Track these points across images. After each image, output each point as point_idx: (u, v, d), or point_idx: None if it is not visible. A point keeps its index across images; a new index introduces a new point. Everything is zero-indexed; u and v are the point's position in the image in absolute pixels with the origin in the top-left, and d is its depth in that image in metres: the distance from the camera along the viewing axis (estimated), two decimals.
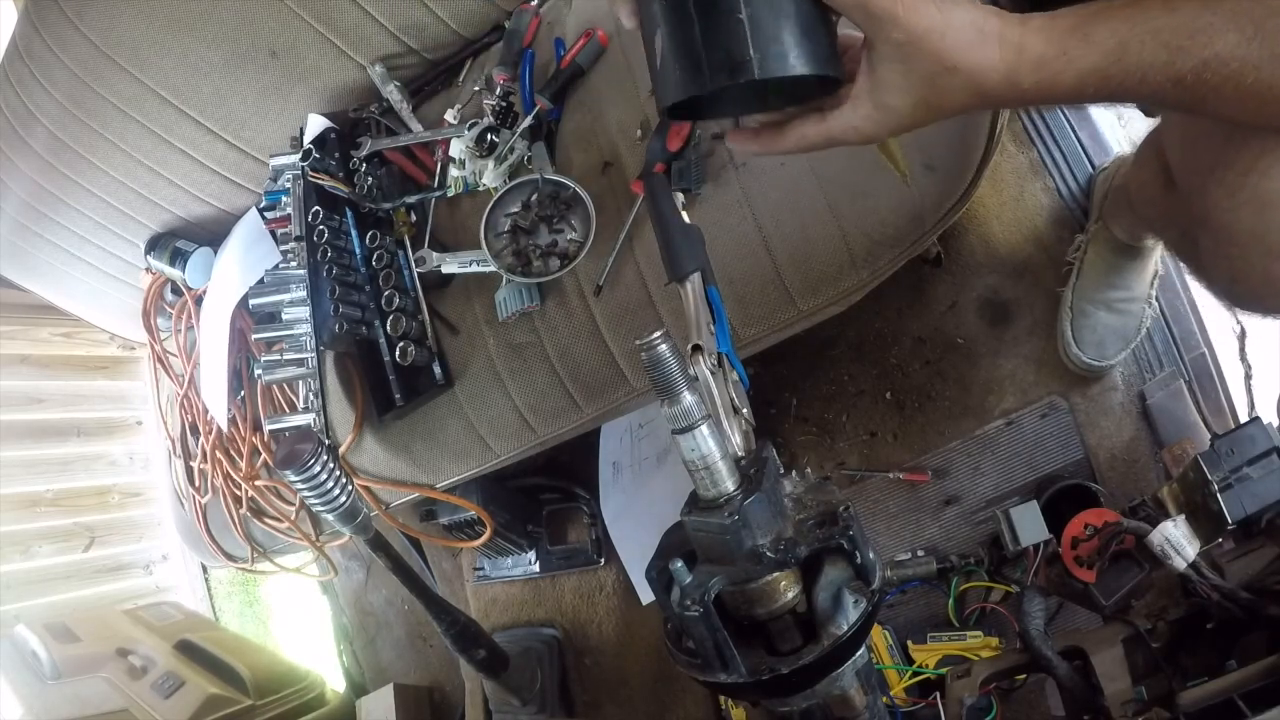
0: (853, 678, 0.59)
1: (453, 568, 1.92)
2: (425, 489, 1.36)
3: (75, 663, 1.64)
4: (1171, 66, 0.51)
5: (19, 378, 2.11)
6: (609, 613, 1.69)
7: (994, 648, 1.29)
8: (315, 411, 1.32)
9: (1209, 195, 0.65)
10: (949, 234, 1.39)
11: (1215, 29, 0.50)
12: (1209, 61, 0.51)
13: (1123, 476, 1.28)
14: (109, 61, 1.37)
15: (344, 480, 1.06)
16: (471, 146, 1.23)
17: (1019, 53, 0.54)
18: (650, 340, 0.53)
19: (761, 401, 1.54)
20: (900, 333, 1.44)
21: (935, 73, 0.54)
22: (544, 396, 1.22)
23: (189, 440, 1.60)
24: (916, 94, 0.56)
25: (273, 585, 2.46)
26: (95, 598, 2.27)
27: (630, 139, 1.17)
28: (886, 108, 0.57)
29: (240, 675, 1.67)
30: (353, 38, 1.35)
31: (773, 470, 0.58)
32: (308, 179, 1.31)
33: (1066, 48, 0.53)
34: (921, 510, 1.40)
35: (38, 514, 2.17)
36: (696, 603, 0.51)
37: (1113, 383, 1.30)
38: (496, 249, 1.20)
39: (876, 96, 0.57)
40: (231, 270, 1.41)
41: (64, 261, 1.66)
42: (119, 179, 1.51)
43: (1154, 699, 0.87)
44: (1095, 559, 1.00)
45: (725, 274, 1.06)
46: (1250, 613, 0.87)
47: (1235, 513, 0.91)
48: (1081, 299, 1.26)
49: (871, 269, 1.04)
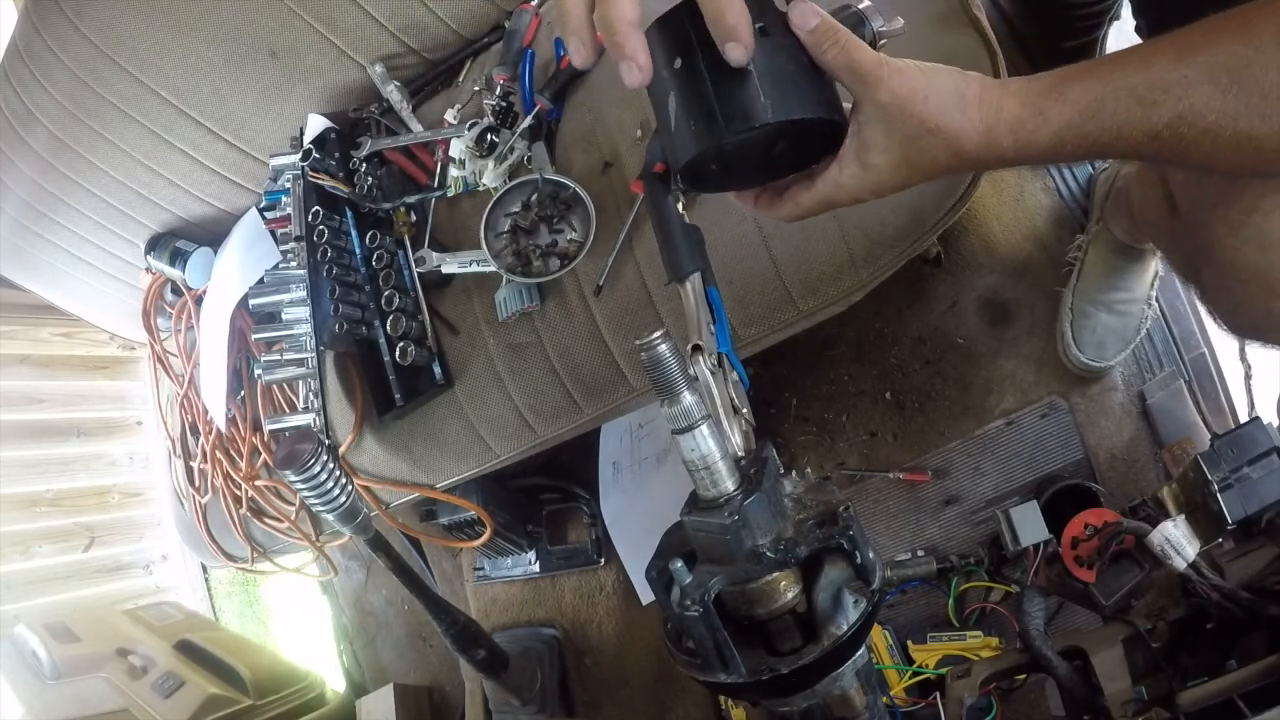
0: (853, 678, 0.59)
1: (453, 568, 1.92)
2: (425, 489, 1.36)
3: (75, 663, 1.64)
4: (1147, 121, 0.53)
5: (19, 378, 2.11)
6: (609, 613, 1.69)
7: (994, 648, 1.29)
8: (315, 411, 1.32)
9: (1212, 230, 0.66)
10: (949, 234, 1.39)
11: (1190, 82, 0.51)
12: (1184, 115, 0.52)
13: (1123, 476, 1.28)
14: (109, 61, 1.37)
15: (344, 480, 1.06)
16: (471, 146, 1.22)
17: (997, 114, 0.56)
18: (650, 340, 0.53)
19: (761, 401, 1.54)
20: (900, 333, 1.44)
21: (917, 134, 0.57)
22: (544, 396, 1.22)
23: (189, 440, 1.60)
24: (899, 154, 0.58)
25: (273, 585, 2.46)
26: (95, 598, 2.27)
27: (630, 139, 1.17)
28: (871, 166, 0.59)
29: (240, 675, 1.67)
30: (353, 38, 1.35)
31: (773, 470, 0.58)
32: (308, 179, 1.31)
33: (1042, 108, 0.55)
34: (921, 510, 1.40)
35: (38, 514, 2.17)
36: (696, 603, 0.51)
37: (1113, 383, 1.30)
38: (496, 249, 1.20)
39: (862, 156, 0.59)
40: (231, 270, 1.41)
41: (64, 261, 1.66)
42: (119, 179, 1.51)
43: (1154, 699, 0.87)
44: (1095, 559, 1.00)
45: (725, 274, 1.06)
46: (1250, 613, 0.87)
47: (1235, 513, 0.91)
48: (1082, 300, 1.26)
49: (871, 269, 1.04)
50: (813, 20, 0.56)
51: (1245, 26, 0.51)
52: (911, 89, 0.56)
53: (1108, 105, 0.53)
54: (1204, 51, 0.51)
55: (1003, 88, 0.56)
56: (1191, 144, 0.52)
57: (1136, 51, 0.54)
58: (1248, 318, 0.70)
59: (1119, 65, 0.54)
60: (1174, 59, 0.52)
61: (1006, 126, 0.56)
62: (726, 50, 0.52)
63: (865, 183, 0.61)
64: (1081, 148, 0.55)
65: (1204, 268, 0.72)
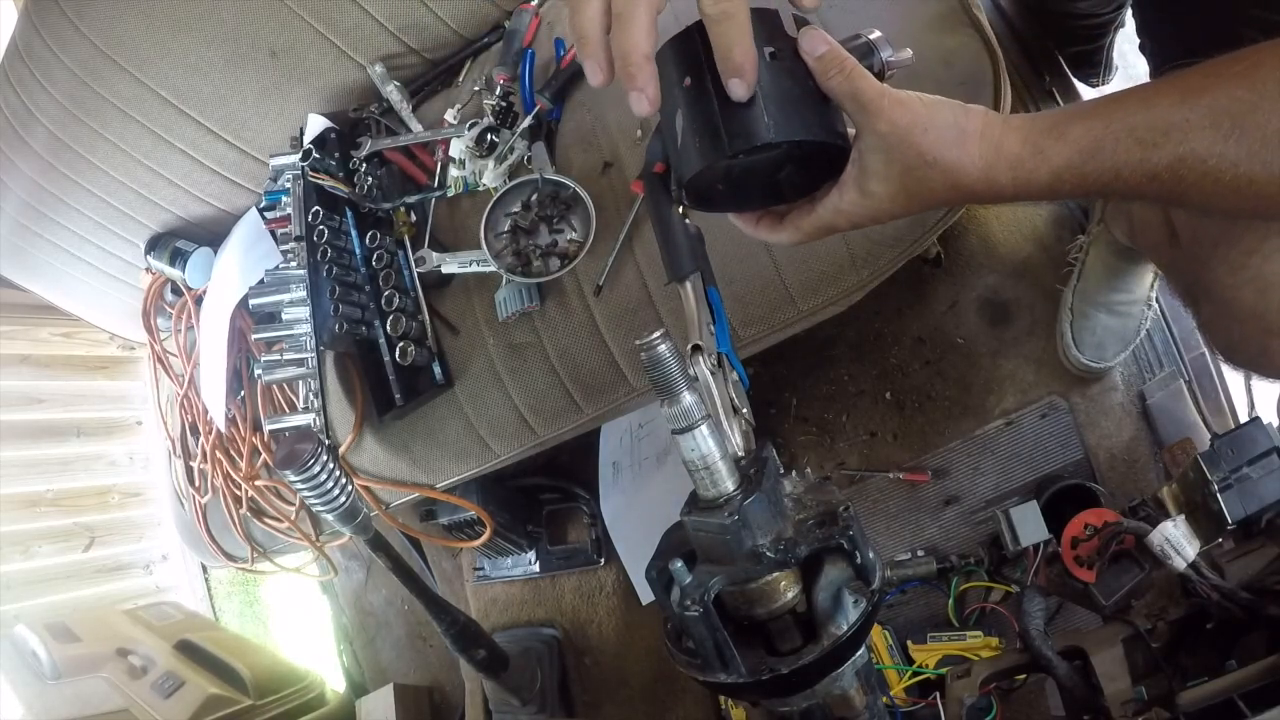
0: (853, 678, 0.59)
1: (453, 568, 1.92)
2: (425, 489, 1.36)
3: (75, 663, 1.64)
4: (1147, 163, 0.53)
5: (19, 378, 2.11)
6: (609, 613, 1.69)
7: (994, 648, 1.29)
8: (315, 411, 1.32)
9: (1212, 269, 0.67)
10: (949, 234, 1.39)
11: (1191, 125, 0.51)
12: (1185, 158, 0.52)
13: (1123, 476, 1.28)
14: (109, 62, 1.37)
15: (344, 480, 1.06)
16: (471, 146, 1.23)
17: (997, 151, 0.56)
18: (650, 340, 0.53)
19: (761, 401, 1.54)
20: (900, 333, 1.44)
21: (915, 165, 0.57)
22: (544, 397, 1.22)
23: (189, 440, 1.60)
24: (897, 183, 0.59)
25: (273, 585, 2.46)
26: (95, 598, 2.27)
27: (630, 139, 1.17)
28: (869, 194, 0.60)
29: (240, 675, 1.67)
30: (353, 38, 1.35)
31: (773, 470, 0.58)
32: (308, 179, 1.31)
33: (1042, 146, 0.55)
34: (921, 510, 1.40)
35: (38, 514, 2.17)
36: (696, 603, 0.51)
37: (1112, 383, 1.30)
38: (496, 249, 1.20)
39: (862, 183, 0.60)
40: (231, 270, 1.41)
41: (64, 261, 1.66)
42: (119, 179, 1.51)
43: (1154, 699, 0.87)
44: (1095, 559, 1.00)
45: (725, 274, 1.06)
46: (1250, 613, 0.87)
47: (1235, 513, 0.91)
48: (1082, 301, 1.26)
49: (872, 268, 1.04)
50: (821, 47, 0.57)
51: (1249, 71, 0.51)
52: (911, 121, 0.56)
53: (1107, 146, 0.53)
54: (1207, 95, 0.51)
55: (1004, 124, 0.57)
56: (1191, 186, 0.52)
57: (1138, 92, 0.55)
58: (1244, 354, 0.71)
59: (1120, 105, 0.54)
60: (1176, 101, 0.52)
61: (1006, 164, 0.56)
62: (730, 86, 0.54)
63: (864, 209, 0.61)
64: (1080, 187, 0.56)
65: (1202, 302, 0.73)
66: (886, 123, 0.57)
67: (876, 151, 0.58)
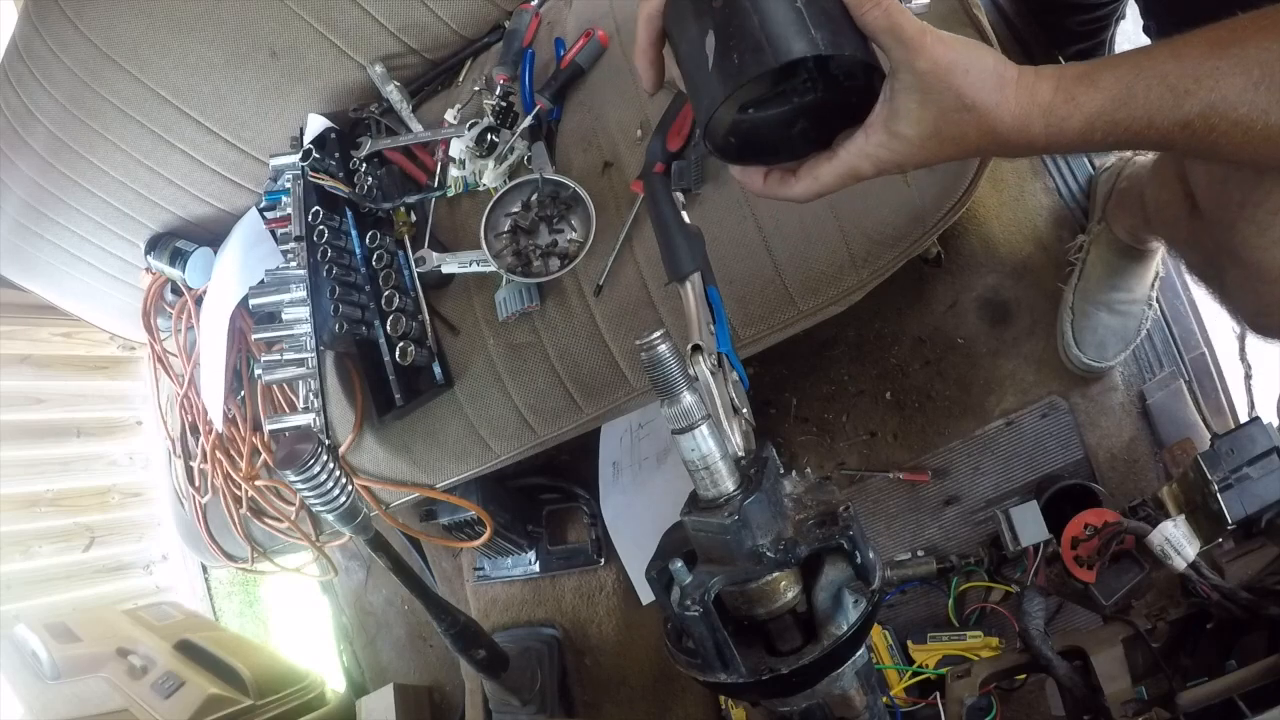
0: (853, 678, 0.59)
1: (453, 568, 1.92)
2: (425, 489, 1.36)
3: (75, 663, 1.64)
4: (1178, 110, 0.53)
5: (19, 378, 2.11)
6: (609, 613, 1.69)
7: (994, 648, 1.29)
8: (315, 411, 1.32)
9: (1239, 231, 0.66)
10: (949, 234, 1.39)
11: (1221, 73, 0.51)
12: (1215, 105, 0.52)
13: (1123, 476, 1.28)
14: (109, 61, 1.37)
15: (344, 480, 1.06)
16: (471, 146, 1.22)
17: (1032, 98, 0.56)
18: (650, 340, 0.53)
19: (761, 401, 1.54)
20: (900, 333, 1.44)
21: (952, 107, 0.56)
22: (544, 397, 1.22)
23: (189, 440, 1.60)
24: (930, 125, 0.57)
25: (273, 585, 2.46)
26: (95, 598, 2.27)
27: (630, 139, 1.17)
28: (900, 136, 0.58)
29: (240, 675, 1.67)
30: (353, 38, 1.35)
31: (773, 470, 0.58)
32: (308, 179, 1.31)
33: (1075, 93, 0.55)
34: (921, 510, 1.40)
35: (38, 514, 2.17)
36: (696, 603, 0.51)
37: (1113, 383, 1.30)
38: (496, 249, 1.20)
39: (891, 124, 0.58)
40: (231, 270, 1.41)
41: (64, 261, 1.66)
42: (119, 179, 1.51)
43: (1154, 699, 0.87)
44: (1095, 559, 1.00)
45: (725, 274, 1.06)
46: (1250, 613, 0.87)
47: (1235, 513, 0.91)
48: (1083, 300, 1.26)
49: (872, 269, 1.04)
50: None
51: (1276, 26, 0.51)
52: (953, 60, 0.55)
53: (1139, 93, 0.53)
54: (1235, 46, 0.52)
55: (1037, 73, 0.56)
56: (1222, 135, 0.52)
57: (1167, 44, 0.54)
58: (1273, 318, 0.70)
59: (1151, 56, 0.54)
60: (1206, 51, 0.52)
61: (1040, 110, 0.55)
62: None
63: (892, 153, 0.59)
64: (1112, 135, 0.55)
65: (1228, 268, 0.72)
66: (928, 60, 0.55)
67: (911, 91, 0.56)
